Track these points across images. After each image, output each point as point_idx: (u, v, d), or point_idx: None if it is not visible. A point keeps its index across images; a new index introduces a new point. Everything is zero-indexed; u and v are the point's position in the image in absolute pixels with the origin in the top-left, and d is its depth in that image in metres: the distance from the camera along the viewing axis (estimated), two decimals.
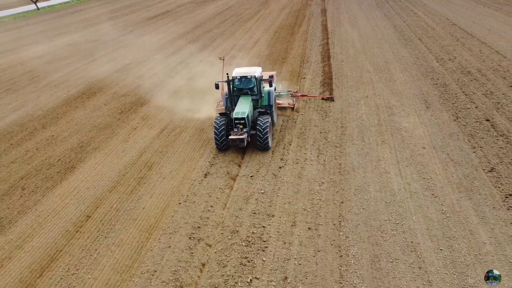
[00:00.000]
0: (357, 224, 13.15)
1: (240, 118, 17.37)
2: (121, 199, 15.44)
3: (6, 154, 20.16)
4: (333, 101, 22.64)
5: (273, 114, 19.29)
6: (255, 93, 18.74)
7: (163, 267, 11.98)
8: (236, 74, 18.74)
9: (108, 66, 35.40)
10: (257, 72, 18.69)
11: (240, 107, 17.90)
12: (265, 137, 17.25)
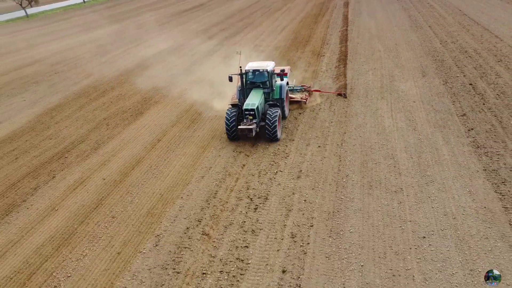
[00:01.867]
0: (354, 144, 18.17)
1: (250, 109, 18.01)
2: (181, 131, 20.95)
3: (88, 105, 26.11)
4: (345, 97, 23.07)
5: (284, 107, 20.08)
6: (266, 87, 19.36)
7: (216, 166, 17.34)
8: (249, 68, 19.41)
9: (152, 48, 41.28)
10: (269, 66, 19.36)
11: (251, 99, 18.58)
12: (273, 128, 17.92)
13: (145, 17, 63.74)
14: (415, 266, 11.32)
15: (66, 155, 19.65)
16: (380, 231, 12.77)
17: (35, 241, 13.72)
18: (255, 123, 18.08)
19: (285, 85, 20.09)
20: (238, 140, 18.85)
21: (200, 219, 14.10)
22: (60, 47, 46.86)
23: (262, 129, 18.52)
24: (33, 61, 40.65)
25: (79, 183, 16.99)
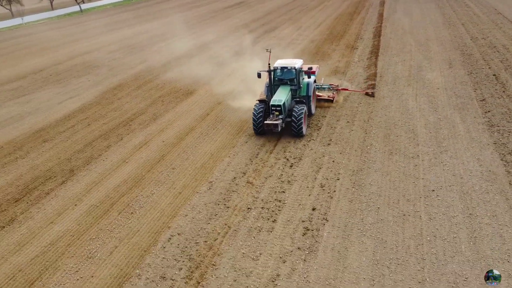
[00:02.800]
0: (379, 121, 20.60)
1: (277, 105, 18.48)
2: (226, 107, 24.00)
3: (144, 85, 29.73)
4: (373, 97, 23.33)
5: (311, 105, 20.47)
6: (294, 84, 19.78)
7: (254, 137, 20.19)
8: (277, 65, 19.89)
9: (198, 40, 44.78)
10: (297, 64, 19.76)
11: (278, 95, 19.04)
12: (299, 124, 18.41)
13: (190, 13, 67.79)
14: (423, 210, 13.76)
15: (130, 123, 23.12)
16: (395, 185, 15.25)
17: (113, 182, 17.10)
18: (281, 118, 18.55)
19: (312, 82, 20.49)
20: (265, 134, 19.51)
21: (245, 172, 17.03)
22: (115, 37, 51.32)
23: (288, 125, 19.07)
24: (93, 49, 45.10)
25: (143, 144, 20.34)
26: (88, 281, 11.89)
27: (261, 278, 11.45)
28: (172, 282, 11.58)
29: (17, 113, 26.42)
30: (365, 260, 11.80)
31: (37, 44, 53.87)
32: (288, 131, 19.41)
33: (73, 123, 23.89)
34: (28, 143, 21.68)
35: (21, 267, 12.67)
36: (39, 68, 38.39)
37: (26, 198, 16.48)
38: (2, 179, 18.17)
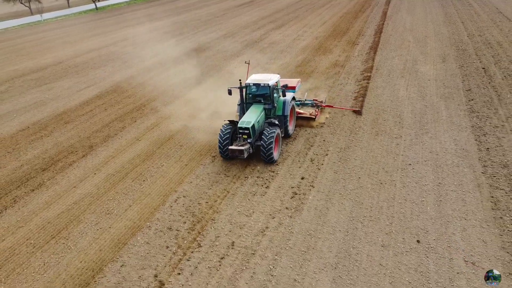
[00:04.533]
0: (370, 108, 22.43)
1: (244, 128, 16.52)
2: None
3: (156, 76, 31.98)
4: (360, 115, 21.31)
5: (287, 125, 18.60)
6: (268, 102, 17.92)
7: None
8: (250, 81, 18.02)
9: (210, 35, 47.01)
10: (272, 80, 17.86)
11: (247, 116, 17.12)
12: (268, 150, 16.43)
13: (202, 11, 70.19)
14: (398, 179, 15.64)
15: (143, 108, 25.33)
16: (377, 160, 17.13)
17: (127, 156, 19.26)
18: (250, 143, 16.67)
19: (289, 101, 18.42)
20: (232, 160, 17.55)
21: None
22: (129, 33, 53.83)
23: (259, 149, 17.05)
24: (108, 44, 47.65)
25: (155, 125, 22.50)
26: (106, 231, 14.03)
27: (253, 229, 13.46)
28: (177, 232, 13.65)
29: (40, 99, 28.86)
30: (342, 217, 13.74)
31: (56, 39, 56.68)
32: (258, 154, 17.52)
33: (91, 108, 26.19)
34: (51, 124, 24.03)
35: (49, 220, 14.88)
36: (58, 61, 40.98)
37: (52, 168, 18.75)
38: (30, 153, 20.50)
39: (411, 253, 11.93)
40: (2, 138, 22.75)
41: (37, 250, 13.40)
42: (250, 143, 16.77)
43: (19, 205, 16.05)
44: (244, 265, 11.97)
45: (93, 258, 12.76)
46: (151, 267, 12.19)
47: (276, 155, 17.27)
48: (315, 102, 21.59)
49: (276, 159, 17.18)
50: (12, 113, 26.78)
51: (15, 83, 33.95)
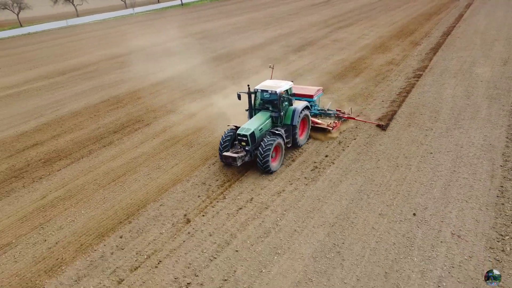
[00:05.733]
0: (411, 102, 23.24)
1: (243, 135, 16.17)
2: None
3: (220, 65, 35.21)
4: (384, 130, 19.81)
5: (296, 136, 17.89)
6: (275, 110, 17.39)
7: None
8: (259, 87, 17.48)
9: (278, 31, 49.54)
10: (282, 87, 17.16)
11: (249, 123, 16.75)
12: (264, 160, 15.87)
13: (277, 9, 73.20)
14: (415, 164, 16.76)
15: (204, 91, 28.57)
16: (401, 147, 18.30)
17: (182, 128, 22.36)
18: (247, 150, 16.34)
19: (300, 110, 17.62)
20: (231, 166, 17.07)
21: None
22: (206, 27, 58.43)
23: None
24: (187, 35, 52.43)
25: (209, 105, 25.49)
26: (154, 180, 17.12)
27: (271, 191, 15.65)
28: (209, 186, 16.29)
29: (120, 79, 33.52)
30: (351, 189, 15.38)
31: (142, 29, 63.17)
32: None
33: (159, 88, 30.07)
34: (126, 99, 28.21)
35: (113, 168, 18.40)
36: (141, 48, 46.29)
37: (121, 131, 22.54)
38: (106, 119, 24.60)
39: (404, 223, 13.29)
40: (88, 106, 27.34)
41: (100, 188, 16.88)
42: (248, 151, 16.33)
43: (92, 156, 19.87)
44: (257, 215, 14.23)
45: (140, 198, 15.87)
46: (183, 208, 14.94)
47: (275, 165, 16.62)
48: (337, 113, 20.60)
49: (273, 169, 16.43)
50: (97, 88, 31.63)
51: (102, 65, 39.44)
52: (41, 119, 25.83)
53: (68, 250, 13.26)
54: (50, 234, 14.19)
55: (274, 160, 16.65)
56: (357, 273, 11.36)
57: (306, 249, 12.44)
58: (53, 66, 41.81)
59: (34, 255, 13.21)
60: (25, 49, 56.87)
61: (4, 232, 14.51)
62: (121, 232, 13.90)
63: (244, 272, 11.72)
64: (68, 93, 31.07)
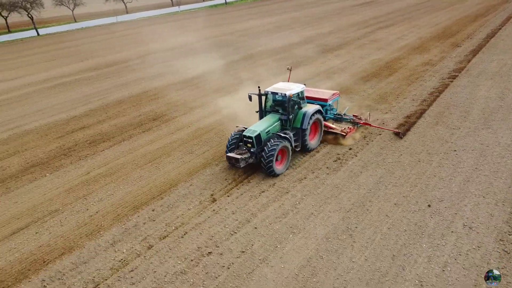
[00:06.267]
0: (441, 102, 23.29)
1: (248, 137, 16.21)
2: (320, 79, 28.99)
3: (254, 62, 36.38)
4: (401, 138, 19.14)
5: (306, 139, 17.64)
6: (284, 113, 17.29)
7: None
8: (269, 89, 17.42)
9: (317, 31, 50.08)
10: (292, 90, 16.99)
11: (256, 125, 16.82)
12: (268, 163, 15.78)
13: (319, 9, 73.75)
14: (437, 160, 17.08)
15: (241, 84, 29.78)
16: (425, 143, 18.61)
17: (215, 118, 23.70)
18: (253, 152, 16.32)
19: (310, 113, 17.32)
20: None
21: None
22: (246, 25, 59.94)
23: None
24: (227, 33, 54.11)
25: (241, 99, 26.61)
26: (186, 163, 18.48)
27: (293, 178, 16.54)
28: (236, 171, 17.34)
29: (162, 72, 35.49)
30: (371, 180, 16.00)
31: (185, 26, 65.65)
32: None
33: (197, 82, 31.69)
34: (165, 90, 29.99)
35: (150, 151, 19.99)
36: (183, 44, 48.40)
37: (160, 119, 24.20)
38: (147, 108, 26.40)
39: (418, 213, 13.81)
40: (131, 96, 29.37)
41: (138, 168, 18.48)
42: (253, 153, 16.31)
43: (132, 140, 21.61)
44: (277, 198, 15.21)
45: (172, 178, 17.28)
46: (210, 189, 16.17)
47: (281, 169, 16.54)
48: (353, 118, 20.18)
49: (278, 172, 16.36)
50: (140, 79, 33.73)
51: (146, 59, 41.74)
52: (89, 106, 28.08)
53: (106, 219, 14.82)
54: (92, 204, 15.85)
55: (279, 163, 16.60)
56: (366, 254, 12.07)
57: (320, 230, 13.28)
58: (102, 59, 44.68)
59: (77, 221, 14.88)
60: (78, 43, 60.80)
61: (53, 201, 16.35)
62: (154, 206, 15.31)
63: (260, 246, 12.74)
64: (114, 84, 33.37)
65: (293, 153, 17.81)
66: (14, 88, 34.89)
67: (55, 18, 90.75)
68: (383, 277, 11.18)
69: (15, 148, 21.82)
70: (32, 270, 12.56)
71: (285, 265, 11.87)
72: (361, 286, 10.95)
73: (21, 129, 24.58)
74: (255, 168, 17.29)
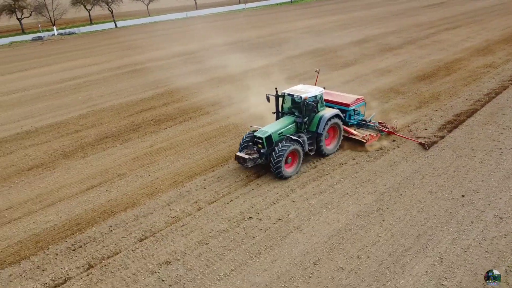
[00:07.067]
0: (496, 104, 23.05)
1: (259, 138, 16.34)
2: (372, 68, 29.58)
3: (317, 57, 37.46)
4: (426, 149, 18.14)
5: (321, 144, 17.30)
6: (299, 116, 17.10)
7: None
8: (286, 91, 17.40)
9: (379, 30, 49.98)
10: (308, 93, 16.83)
11: (269, 127, 16.85)
12: (276, 163, 15.69)
13: (384, 9, 72.90)
14: (479, 156, 17.27)
15: (294, 79, 31.17)
16: (471, 141, 18.79)
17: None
18: (263, 153, 16.35)
19: (327, 118, 17.04)
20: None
21: None
22: (310, 23, 61.23)
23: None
24: (288, 30, 55.67)
25: None
26: (238, 143, 20.21)
27: (334, 162, 17.61)
28: None
29: (221, 64, 37.49)
30: (409, 169, 16.71)
31: (248, 23, 68.07)
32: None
33: (256, 73, 33.46)
34: (226, 80, 32.14)
35: (206, 131, 22.08)
36: (244, 40, 50.68)
37: (218, 104, 26.28)
38: (207, 95, 28.65)
39: (450, 201, 14.41)
40: (192, 84, 31.84)
41: (195, 144, 20.60)
42: (263, 154, 16.35)
43: (192, 121, 23.92)
44: (317, 178, 16.46)
45: (224, 155, 19.13)
46: (257, 167, 17.72)
47: (290, 171, 16.38)
48: (378, 126, 19.43)
49: (287, 175, 16.24)
50: (204, 69, 36.27)
51: (207, 52, 44.39)
52: (156, 90, 30.98)
53: (165, 184, 17.00)
54: (153, 171, 18.16)
55: (289, 166, 16.43)
56: (392, 231, 13.03)
57: (352, 208, 14.39)
58: (170, 50, 48.06)
59: (140, 183, 17.22)
60: (151, 34, 65.45)
61: (122, 166, 18.89)
62: (205, 176, 17.24)
63: (295, 216, 14.14)
64: (179, 72, 36.17)
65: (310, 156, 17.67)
66: (94, 73, 39.02)
67: (131, 12, 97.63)
68: (405, 251, 12.11)
69: (93, 122, 24.99)
70: (102, 218, 14.96)
71: (315, 233, 13.18)
72: (383, 256, 11.97)
73: (98, 107, 27.89)
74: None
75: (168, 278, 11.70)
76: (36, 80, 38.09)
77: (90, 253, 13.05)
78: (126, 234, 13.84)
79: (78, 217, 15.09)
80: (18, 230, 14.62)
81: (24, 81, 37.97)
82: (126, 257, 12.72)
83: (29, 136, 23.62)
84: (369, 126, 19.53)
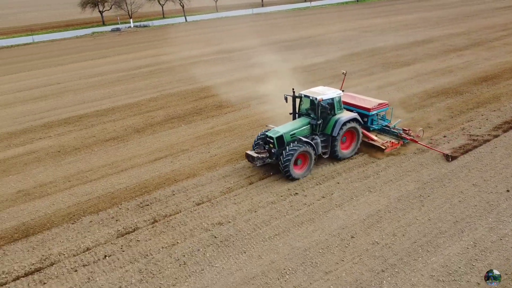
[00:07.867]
0: None
1: (270, 137, 16.47)
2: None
3: (372, 58, 37.69)
4: (449, 161, 17.13)
5: (336, 148, 17.13)
6: (314, 118, 17.00)
7: None
8: (303, 92, 17.46)
9: (445, 31, 48.66)
10: (325, 95, 16.71)
11: (282, 127, 16.95)
12: (285, 164, 15.77)
13: (454, 10, 70.05)
14: None
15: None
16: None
17: None
18: (273, 153, 16.47)
19: (343, 121, 16.79)
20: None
21: None
22: (374, 22, 60.99)
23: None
24: (352, 28, 55.95)
25: (349, 86, 28.72)
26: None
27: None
28: None
29: (287, 58, 38.97)
30: (455, 163, 17.01)
31: (313, 20, 68.74)
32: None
33: (313, 68, 34.53)
34: (285, 73, 33.47)
35: (262, 118, 23.55)
36: (308, 36, 51.65)
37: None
38: (268, 86, 30.21)
39: (494, 195, 14.73)
40: (254, 75, 33.55)
41: (251, 128, 22.32)
42: (274, 154, 16.44)
43: (250, 108, 25.77)
44: (362, 165, 17.40)
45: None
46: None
47: (300, 173, 16.40)
48: (401, 133, 18.66)
49: (296, 177, 16.26)
50: (264, 63, 37.82)
51: (272, 47, 45.95)
52: (217, 81, 33.16)
53: (222, 160, 18.84)
54: (213, 149, 20.10)
55: (299, 168, 16.48)
56: (430, 216, 13.74)
57: (394, 193, 15.23)
58: (233, 44, 50.27)
59: (200, 158, 19.21)
60: (217, 29, 68.59)
61: (185, 143, 21.07)
62: None
63: (339, 195, 15.27)
64: (240, 65, 38.11)
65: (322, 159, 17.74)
66: (164, 62, 42.30)
67: (201, 7, 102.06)
68: (440, 234, 12.82)
69: (161, 105, 27.65)
70: (166, 184, 17.08)
71: (356, 211, 14.25)
72: (418, 236, 12.79)
73: (167, 92, 30.63)
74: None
75: (220, 235, 13.40)
76: (113, 66, 42.16)
77: (155, 210, 15.14)
78: (186, 198, 15.79)
79: (146, 182, 17.34)
80: (97, 188, 17.17)
81: (103, 67, 42.20)
82: (185, 216, 14.64)
83: (107, 113, 26.75)
84: (392, 133, 18.93)
